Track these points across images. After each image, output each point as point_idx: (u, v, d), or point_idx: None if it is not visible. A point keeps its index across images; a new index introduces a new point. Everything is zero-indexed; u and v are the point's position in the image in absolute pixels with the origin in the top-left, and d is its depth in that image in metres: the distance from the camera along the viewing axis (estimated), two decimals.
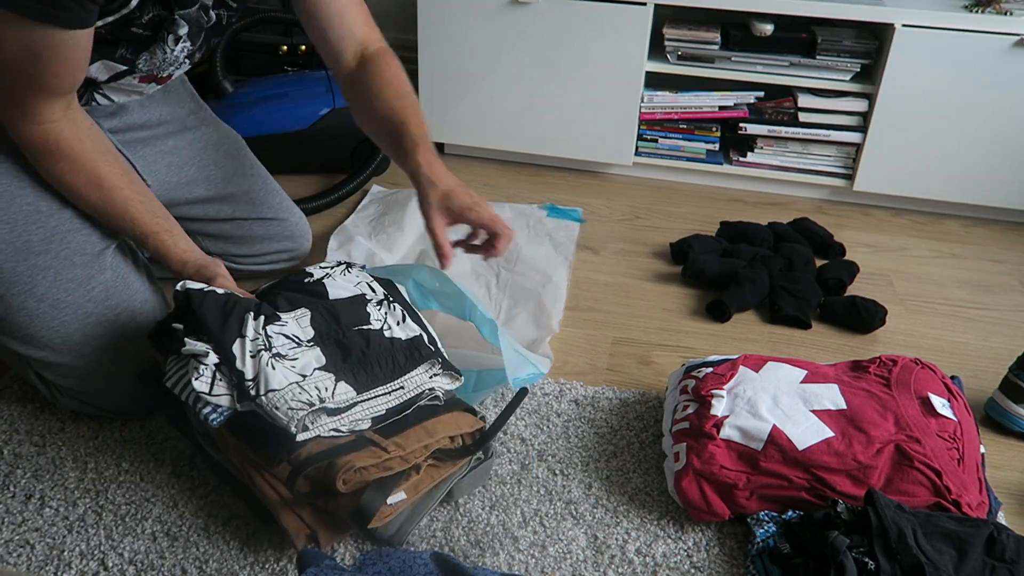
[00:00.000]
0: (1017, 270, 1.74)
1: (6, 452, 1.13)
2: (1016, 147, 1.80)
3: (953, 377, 1.19)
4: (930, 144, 1.83)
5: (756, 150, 1.96)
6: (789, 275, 1.56)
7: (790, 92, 1.94)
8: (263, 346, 0.95)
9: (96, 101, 1.15)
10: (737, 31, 1.87)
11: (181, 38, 1.09)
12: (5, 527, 1.02)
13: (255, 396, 0.92)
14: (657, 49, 1.92)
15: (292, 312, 1.01)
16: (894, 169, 1.88)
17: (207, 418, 0.93)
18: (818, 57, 1.85)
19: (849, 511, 0.95)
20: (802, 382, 1.11)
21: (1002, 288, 1.67)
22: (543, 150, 2.03)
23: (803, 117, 1.91)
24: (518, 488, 1.10)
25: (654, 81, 1.95)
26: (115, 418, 1.18)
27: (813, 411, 1.06)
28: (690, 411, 1.10)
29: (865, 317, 1.47)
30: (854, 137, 1.89)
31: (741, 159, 1.98)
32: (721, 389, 1.10)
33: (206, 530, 1.02)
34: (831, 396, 1.08)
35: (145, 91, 1.19)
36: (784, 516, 1.01)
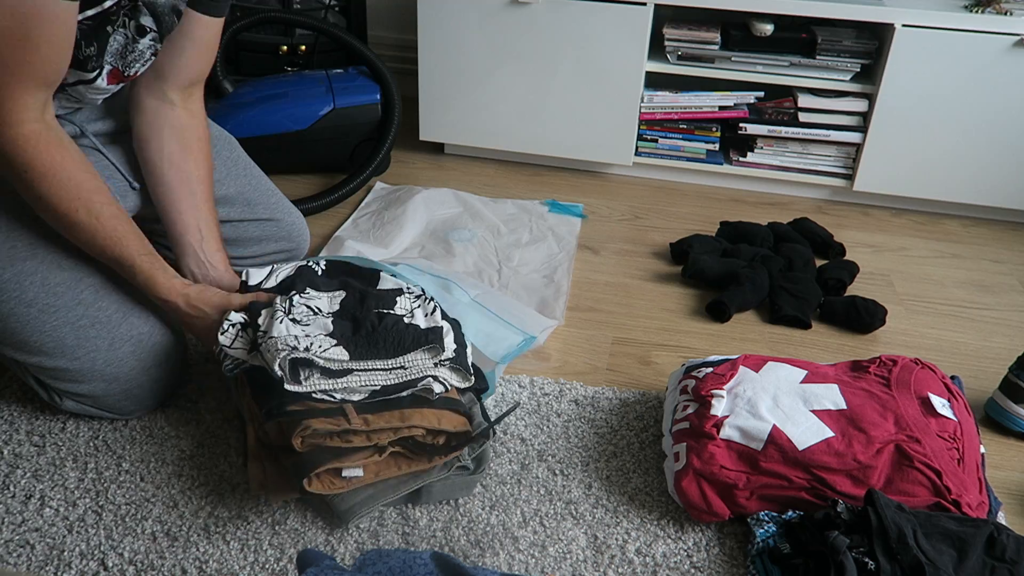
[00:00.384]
0: (1017, 270, 1.74)
1: (6, 452, 1.13)
2: (1016, 147, 1.80)
3: (953, 377, 1.19)
4: (930, 144, 1.83)
5: (756, 150, 1.96)
6: (789, 275, 1.56)
7: (790, 92, 1.94)
8: (284, 311, 1.04)
9: (69, 99, 1.11)
10: (737, 31, 1.87)
11: (148, 30, 1.07)
12: (5, 527, 1.02)
13: (258, 345, 1.01)
14: (657, 49, 1.92)
15: (329, 292, 1.09)
16: (894, 169, 1.88)
17: (225, 368, 1.05)
18: (818, 57, 1.85)
19: (849, 511, 0.95)
20: (802, 382, 1.11)
21: (1002, 288, 1.67)
22: (543, 150, 2.03)
23: (803, 117, 1.90)
24: (518, 488, 1.10)
25: (654, 81, 1.95)
26: (115, 418, 1.18)
27: (813, 411, 1.06)
28: (690, 411, 1.10)
29: (865, 317, 1.47)
30: (854, 137, 1.89)
31: (741, 159, 1.98)
32: (721, 389, 1.10)
33: (206, 530, 1.02)
34: (831, 396, 1.08)
35: (112, 91, 1.15)
36: (784, 516, 1.01)
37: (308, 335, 0.99)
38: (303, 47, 2.11)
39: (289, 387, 0.96)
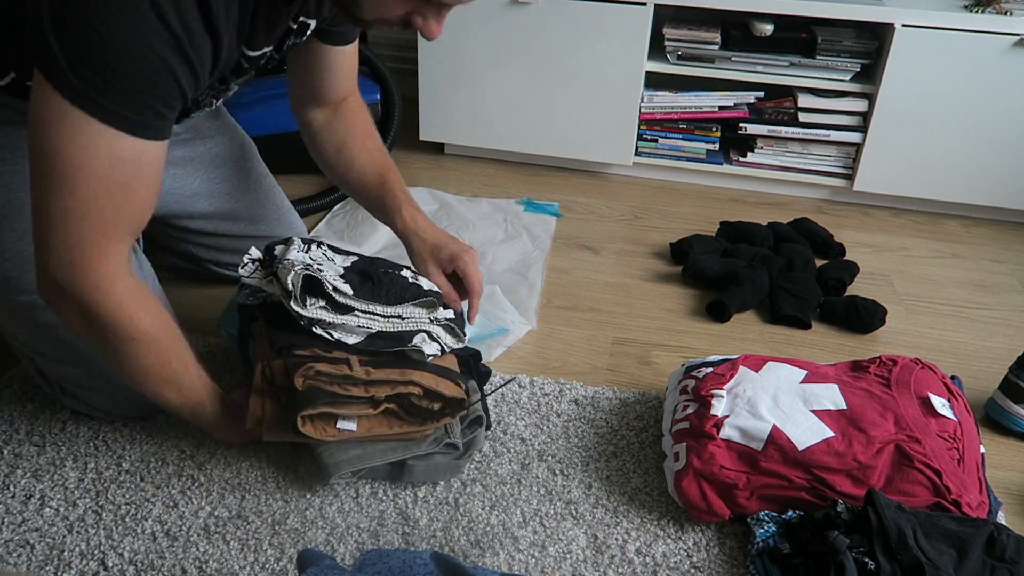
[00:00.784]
0: (1017, 270, 1.74)
1: (6, 452, 1.13)
2: (1016, 147, 1.80)
3: (953, 377, 1.19)
4: (930, 144, 1.83)
5: (756, 150, 1.96)
6: (789, 275, 1.56)
7: (790, 92, 1.94)
8: (301, 248, 1.09)
9: None
10: (737, 31, 1.87)
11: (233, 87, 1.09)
12: (5, 527, 1.02)
13: (274, 270, 1.05)
14: (657, 49, 1.92)
15: (343, 255, 1.13)
16: (894, 169, 1.88)
17: (242, 295, 1.09)
18: (818, 57, 1.85)
19: (849, 511, 0.95)
20: (802, 382, 1.11)
21: (1002, 288, 1.67)
22: (543, 150, 2.03)
23: (803, 117, 1.91)
24: (518, 488, 1.10)
25: (654, 81, 1.95)
26: (115, 419, 1.18)
27: (813, 411, 1.06)
28: (690, 411, 1.10)
29: (865, 317, 1.47)
30: (854, 137, 1.89)
31: (741, 159, 1.98)
32: (721, 389, 1.10)
33: (206, 530, 1.02)
34: (831, 396, 1.08)
35: None
36: (784, 516, 1.01)
37: (321, 269, 1.03)
38: None
39: (296, 307, 1.00)
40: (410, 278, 1.10)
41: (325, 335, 1.02)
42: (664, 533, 1.04)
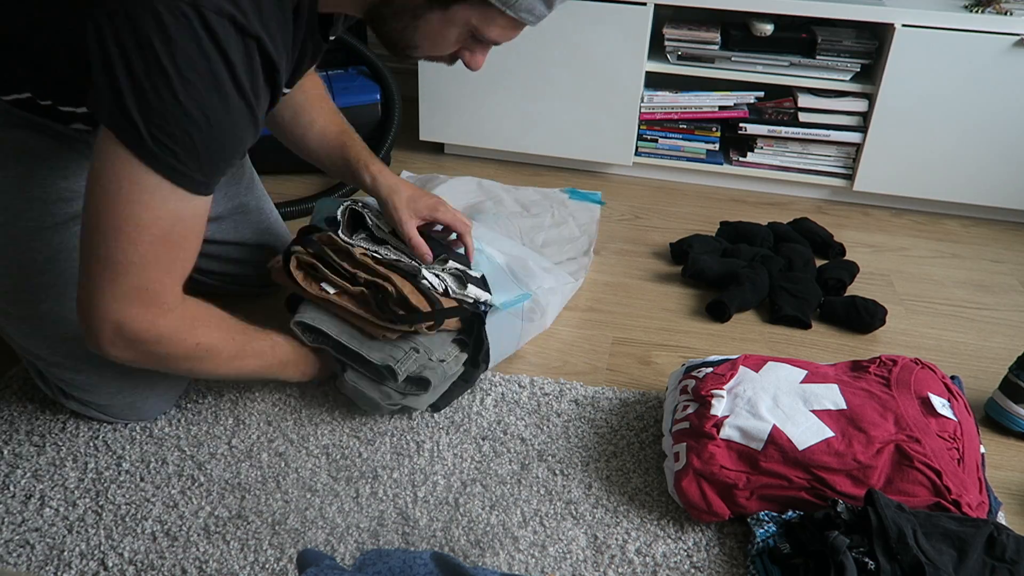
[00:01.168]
0: (1017, 270, 1.74)
1: (6, 452, 1.13)
2: (1016, 147, 1.80)
3: (953, 377, 1.19)
4: (930, 144, 1.83)
5: (756, 150, 1.96)
6: (789, 275, 1.56)
7: (790, 92, 1.94)
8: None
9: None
10: (737, 31, 1.87)
11: None
12: (5, 527, 1.02)
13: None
14: (657, 49, 1.92)
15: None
16: (894, 169, 1.88)
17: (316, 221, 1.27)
18: (818, 57, 1.85)
19: (849, 511, 0.95)
20: (802, 382, 1.11)
21: (1002, 288, 1.67)
22: (543, 150, 2.03)
23: (803, 117, 1.91)
24: (518, 488, 1.10)
25: (654, 81, 1.95)
26: (116, 421, 1.18)
27: (813, 411, 1.06)
28: (690, 411, 1.10)
29: (865, 317, 1.47)
30: (854, 137, 1.89)
31: (741, 159, 1.98)
32: (721, 389, 1.10)
33: (206, 530, 1.02)
34: (831, 396, 1.08)
35: None
36: (784, 516, 1.01)
37: (367, 206, 1.23)
38: None
39: (343, 236, 1.17)
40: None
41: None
42: (664, 533, 1.04)
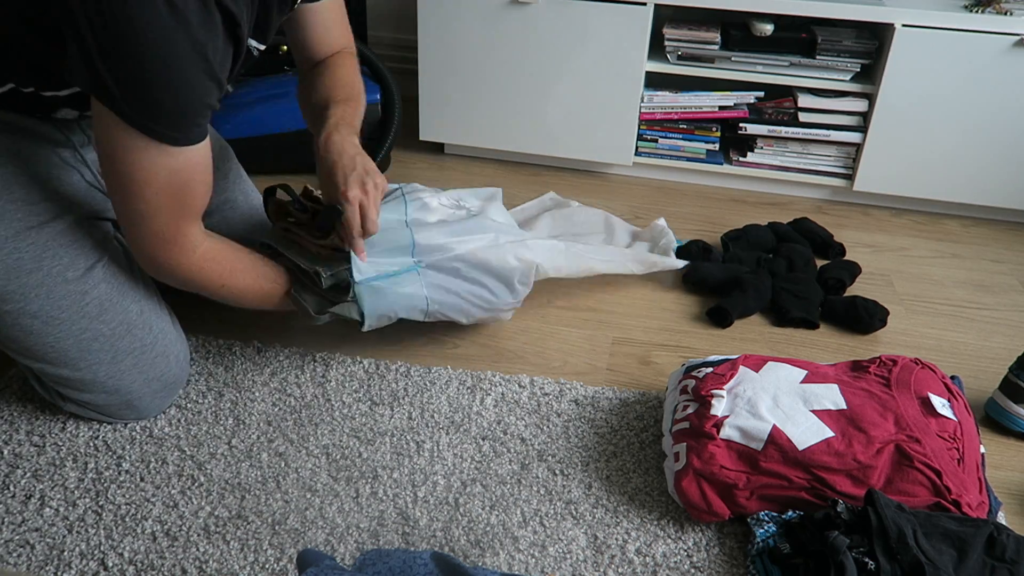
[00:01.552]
0: (1017, 270, 1.74)
1: (6, 452, 1.13)
2: (1016, 147, 1.80)
3: (953, 377, 1.19)
4: (930, 144, 1.83)
5: (756, 150, 1.96)
6: (790, 276, 1.56)
7: (790, 92, 1.93)
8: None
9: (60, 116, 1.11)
10: (737, 31, 1.87)
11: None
12: (5, 527, 1.02)
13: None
14: (657, 49, 1.92)
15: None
16: (894, 169, 1.88)
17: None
18: (818, 57, 1.85)
19: (849, 511, 0.95)
20: (802, 382, 1.11)
21: (1002, 288, 1.67)
22: (543, 150, 2.03)
23: (803, 117, 1.90)
24: (518, 488, 1.10)
25: (654, 81, 1.95)
26: (115, 421, 1.18)
27: (813, 411, 1.06)
28: (690, 411, 1.10)
29: (865, 317, 1.47)
30: (854, 137, 1.89)
31: (741, 159, 1.98)
32: (721, 389, 1.10)
33: (206, 530, 1.02)
34: (831, 396, 1.08)
35: None
36: (784, 516, 1.01)
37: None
38: None
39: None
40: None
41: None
42: (664, 533, 1.04)
